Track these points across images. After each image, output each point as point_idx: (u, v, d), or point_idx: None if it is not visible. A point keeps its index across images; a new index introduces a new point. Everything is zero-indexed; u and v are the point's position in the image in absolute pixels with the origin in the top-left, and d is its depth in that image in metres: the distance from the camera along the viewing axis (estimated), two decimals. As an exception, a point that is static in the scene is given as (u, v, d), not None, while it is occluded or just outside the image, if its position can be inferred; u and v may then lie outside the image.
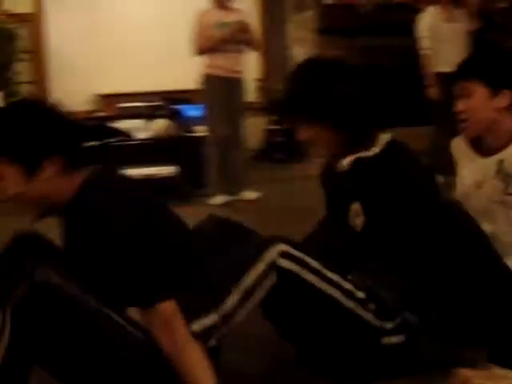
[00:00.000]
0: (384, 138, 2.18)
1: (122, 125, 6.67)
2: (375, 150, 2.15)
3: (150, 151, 6.27)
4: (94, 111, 7.40)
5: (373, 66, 6.98)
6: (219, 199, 5.59)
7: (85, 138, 6.21)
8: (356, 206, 2.14)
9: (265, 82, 8.03)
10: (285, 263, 1.95)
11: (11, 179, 1.83)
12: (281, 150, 7.83)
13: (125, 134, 6.54)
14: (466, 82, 2.30)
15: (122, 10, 7.97)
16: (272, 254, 1.94)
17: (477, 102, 2.28)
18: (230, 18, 5.60)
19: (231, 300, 1.89)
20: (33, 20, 7.76)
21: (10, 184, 1.84)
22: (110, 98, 7.46)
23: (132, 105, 6.74)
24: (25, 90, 7.60)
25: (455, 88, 2.33)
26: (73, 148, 1.90)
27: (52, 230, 2.00)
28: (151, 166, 6.02)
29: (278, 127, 7.85)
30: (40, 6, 7.81)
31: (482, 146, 2.36)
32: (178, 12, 7.10)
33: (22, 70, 7.52)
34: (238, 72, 5.75)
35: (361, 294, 2.05)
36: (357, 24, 7.00)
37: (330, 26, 7.05)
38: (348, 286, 2.04)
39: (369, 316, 2.05)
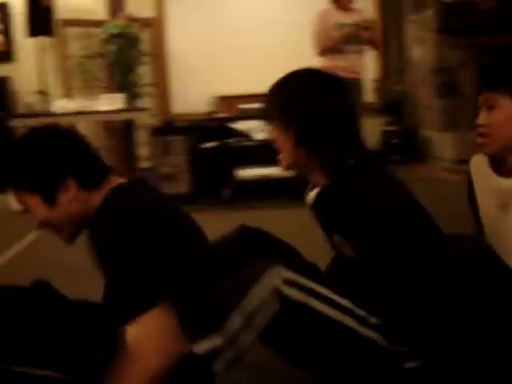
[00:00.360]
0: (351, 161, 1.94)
1: (241, 126, 6.78)
2: (339, 176, 1.93)
3: (268, 152, 6.33)
4: (213, 112, 7.55)
5: (490, 66, 6.81)
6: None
7: (205, 139, 6.38)
8: (337, 238, 1.97)
9: (382, 83, 7.96)
10: (290, 291, 1.78)
11: (34, 207, 1.88)
12: (397, 152, 7.74)
13: (244, 135, 6.66)
14: (491, 93, 2.06)
15: (241, 11, 8.09)
16: (274, 280, 1.77)
17: (501, 116, 2.05)
18: (350, 18, 5.59)
19: (233, 324, 1.75)
20: (155, 24, 8.00)
21: (35, 211, 1.89)
22: (229, 100, 7.59)
23: (251, 106, 6.82)
24: (147, 91, 7.85)
25: (480, 99, 2.11)
26: (84, 168, 1.90)
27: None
28: (269, 166, 6.09)
29: (394, 128, 7.78)
30: (162, 10, 8.04)
31: (501, 166, 2.13)
32: (298, 13, 7.14)
33: (144, 72, 7.78)
34: (357, 73, 5.73)
35: (375, 320, 1.88)
36: (478, 22, 6.82)
37: (450, 25, 6.89)
38: (361, 312, 1.87)
39: (385, 342, 1.87)
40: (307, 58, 5.76)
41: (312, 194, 2.01)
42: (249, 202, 5.72)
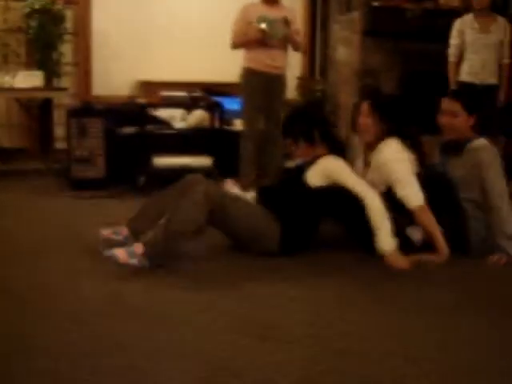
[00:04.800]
0: None
1: (162, 113, 6.70)
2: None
3: (188, 141, 6.29)
4: (134, 97, 7.41)
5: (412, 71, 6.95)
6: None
7: (124, 123, 6.27)
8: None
9: (306, 81, 7.98)
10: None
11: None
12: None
13: (164, 122, 6.57)
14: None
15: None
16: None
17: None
18: (275, 13, 5.58)
19: None
20: (80, 2, 7.78)
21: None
22: (151, 86, 7.47)
23: (173, 94, 6.74)
24: (67, 71, 7.64)
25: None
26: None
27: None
28: (188, 155, 6.04)
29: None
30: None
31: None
32: (229, 4, 7.05)
33: (65, 51, 7.57)
34: (280, 68, 5.72)
35: None
36: (403, 28, 6.92)
37: (376, 28, 6.96)
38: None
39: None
40: (229, 50, 5.78)
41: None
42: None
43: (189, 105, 6.73)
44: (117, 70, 7.77)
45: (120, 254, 3.29)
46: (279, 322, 2.69)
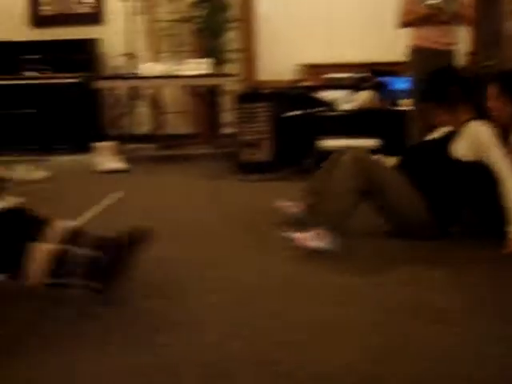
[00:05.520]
0: None
1: (327, 95, 6.67)
2: None
3: (353, 123, 6.23)
4: (299, 80, 7.45)
5: None
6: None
7: (289, 107, 6.33)
8: None
9: (475, 57, 7.65)
10: None
11: None
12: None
13: (328, 105, 6.55)
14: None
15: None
16: None
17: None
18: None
19: None
20: (243, -11, 7.93)
21: None
22: (315, 68, 7.48)
23: (337, 76, 6.70)
24: (233, 57, 7.81)
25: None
26: None
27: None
28: (354, 137, 5.97)
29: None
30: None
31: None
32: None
33: (231, 38, 7.73)
34: (448, 44, 5.52)
35: None
36: None
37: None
38: None
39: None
40: (394, 29, 5.64)
41: None
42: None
43: (354, 86, 6.67)
44: (281, 55, 7.85)
45: (304, 238, 3.27)
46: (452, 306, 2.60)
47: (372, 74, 6.86)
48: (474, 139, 3.50)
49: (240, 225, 4.00)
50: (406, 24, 5.52)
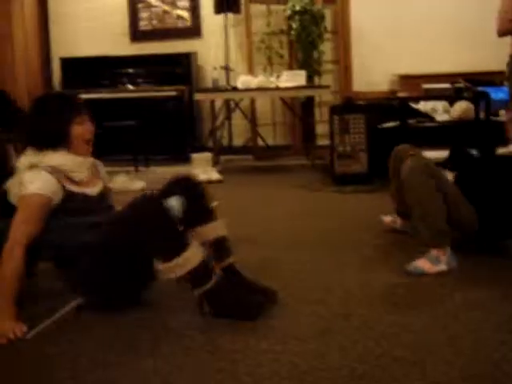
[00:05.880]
0: None
1: (424, 106, 6.59)
2: None
3: (451, 134, 6.13)
4: (395, 91, 7.39)
5: None
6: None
7: (385, 118, 6.27)
8: None
9: None
10: None
11: None
12: None
13: (426, 116, 6.46)
14: None
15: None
16: None
17: None
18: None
19: None
20: (338, 0, 7.92)
21: None
22: (411, 79, 7.40)
23: (435, 86, 6.61)
24: (328, 69, 7.83)
25: None
26: None
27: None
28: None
29: None
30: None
31: None
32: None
33: (325, 49, 7.75)
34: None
35: None
36: None
37: None
38: None
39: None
40: (494, 36, 5.50)
41: None
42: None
43: (452, 96, 6.55)
44: (376, 66, 7.81)
45: (424, 264, 3.18)
46: None
47: (470, 84, 6.73)
48: None
49: (337, 238, 4.00)
50: (507, 32, 5.38)
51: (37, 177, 2.68)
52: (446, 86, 6.64)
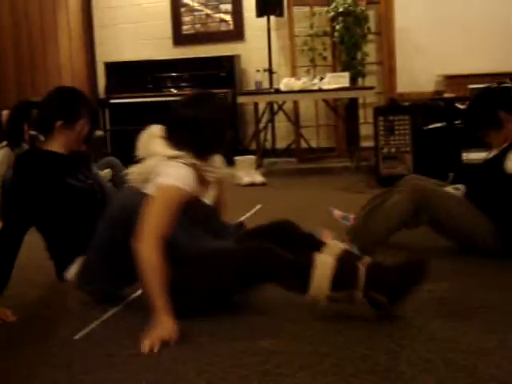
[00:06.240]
0: None
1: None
2: None
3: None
4: (440, 92, 7.30)
5: None
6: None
7: (430, 119, 6.18)
8: None
9: None
10: None
11: None
12: None
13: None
14: None
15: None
16: None
17: None
18: None
19: None
20: (382, 1, 7.85)
21: None
22: (456, 79, 7.31)
23: (480, 86, 6.50)
24: (372, 70, 7.78)
25: None
26: None
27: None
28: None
29: None
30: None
31: None
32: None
33: (369, 50, 7.70)
34: None
35: None
36: None
37: None
38: None
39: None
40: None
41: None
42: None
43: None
44: (420, 66, 7.73)
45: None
46: None
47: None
48: None
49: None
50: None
51: (182, 171, 2.61)
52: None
